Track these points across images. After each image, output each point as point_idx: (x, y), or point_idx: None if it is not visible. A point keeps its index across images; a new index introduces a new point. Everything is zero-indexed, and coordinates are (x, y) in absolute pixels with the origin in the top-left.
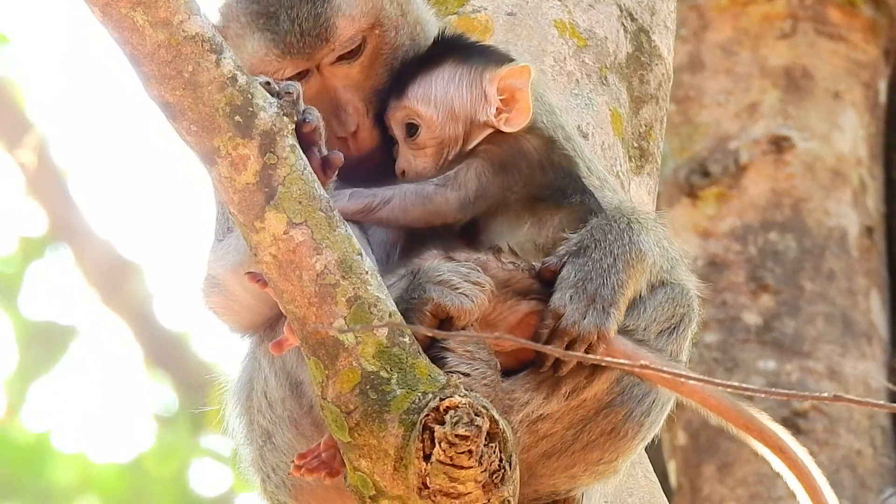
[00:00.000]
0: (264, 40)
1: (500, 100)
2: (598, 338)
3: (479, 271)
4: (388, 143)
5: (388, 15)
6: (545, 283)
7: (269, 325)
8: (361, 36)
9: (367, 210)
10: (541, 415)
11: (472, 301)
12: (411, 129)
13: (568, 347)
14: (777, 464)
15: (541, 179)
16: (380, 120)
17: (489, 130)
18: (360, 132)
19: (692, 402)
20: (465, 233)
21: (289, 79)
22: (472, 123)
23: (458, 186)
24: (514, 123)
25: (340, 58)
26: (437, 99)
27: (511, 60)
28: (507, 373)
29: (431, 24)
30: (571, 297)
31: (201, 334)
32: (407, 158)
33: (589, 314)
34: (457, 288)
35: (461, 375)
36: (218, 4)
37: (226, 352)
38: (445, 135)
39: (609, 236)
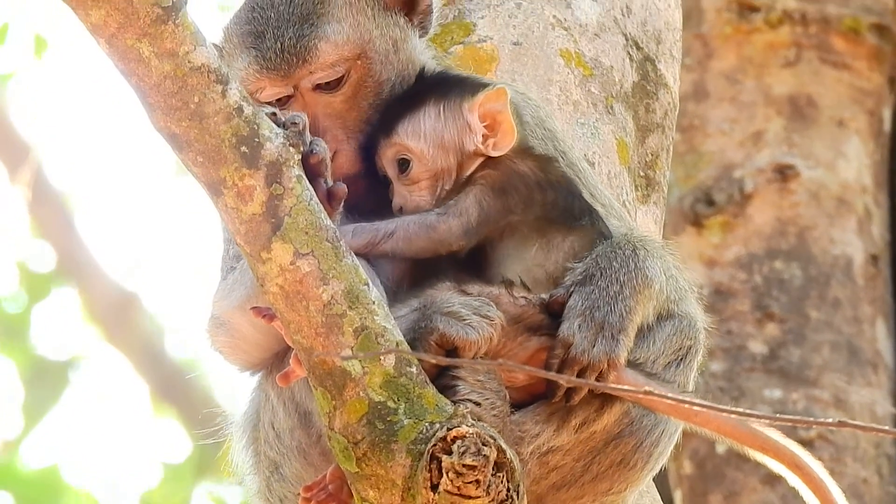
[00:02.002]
0: (248, 57)
1: (484, 126)
2: (608, 365)
3: (491, 305)
4: (374, 178)
5: (376, 49)
6: (554, 315)
7: (277, 358)
8: (345, 66)
9: (372, 244)
10: (551, 447)
11: (479, 333)
12: (403, 165)
13: (579, 376)
14: (794, 481)
15: (542, 198)
16: (364, 153)
17: (481, 158)
18: (337, 157)
19: (707, 430)
20: (473, 259)
21: (269, 103)
22: (462, 154)
23: (459, 213)
24: (501, 146)
25: (321, 86)
26: (425, 133)
27: (487, 86)
28: (518, 407)
29: (428, 67)
30: (580, 325)
31: (209, 369)
32: (402, 195)
33: (598, 342)
34: (464, 319)
35: (471, 404)
36: (221, 25)
37: (232, 387)
38: (437, 167)
39: (615, 263)
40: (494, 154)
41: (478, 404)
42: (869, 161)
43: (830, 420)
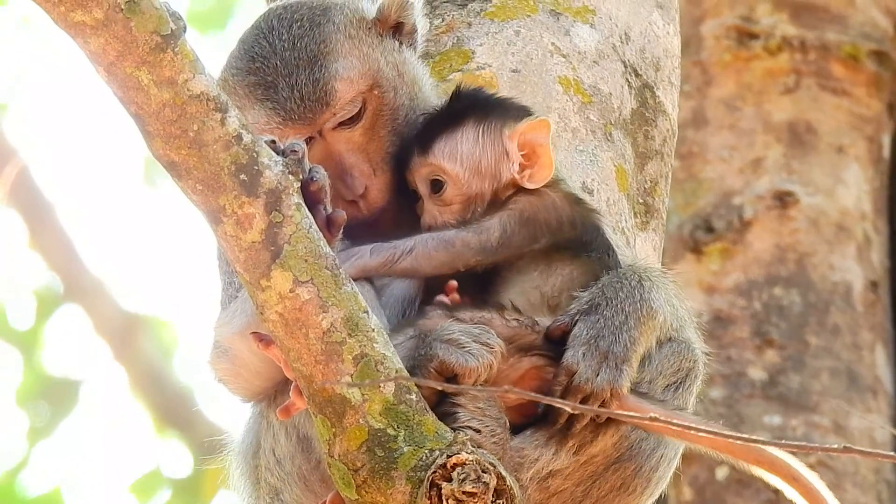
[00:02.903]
0: (265, 110)
1: (522, 155)
2: (611, 394)
3: (491, 333)
4: (398, 199)
5: (385, 76)
6: (555, 341)
7: (279, 386)
8: (361, 99)
9: (391, 262)
10: (551, 471)
11: (478, 360)
12: (436, 186)
13: (581, 404)
14: (791, 492)
15: (570, 233)
16: (391, 173)
17: (516, 188)
18: (368, 193)
19: (702, 447)
20: (484, 280)
21: None
22: (498, 180)
23: (479, 231)
24: (537, 179)
25: (342, 123)
26: (462, 156)
27: (529, 114)
28: (513, 429)
29: (428, 83)
30: (584, 354)
31: (213, 393)
32: (433, 214)
33: (602, 371)
34: (463, 347)
35: (471, 431)
36: (215, 76)
37: (235, 411)
38: (472, 191)
39: (620, 294)
40: (529, 186)
41: (478, 431)
42: (868, 187)
43: (836, 446)
